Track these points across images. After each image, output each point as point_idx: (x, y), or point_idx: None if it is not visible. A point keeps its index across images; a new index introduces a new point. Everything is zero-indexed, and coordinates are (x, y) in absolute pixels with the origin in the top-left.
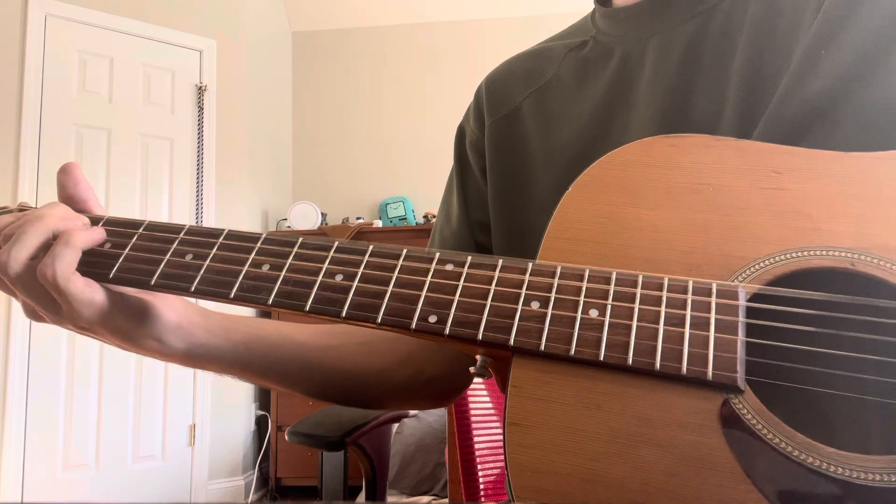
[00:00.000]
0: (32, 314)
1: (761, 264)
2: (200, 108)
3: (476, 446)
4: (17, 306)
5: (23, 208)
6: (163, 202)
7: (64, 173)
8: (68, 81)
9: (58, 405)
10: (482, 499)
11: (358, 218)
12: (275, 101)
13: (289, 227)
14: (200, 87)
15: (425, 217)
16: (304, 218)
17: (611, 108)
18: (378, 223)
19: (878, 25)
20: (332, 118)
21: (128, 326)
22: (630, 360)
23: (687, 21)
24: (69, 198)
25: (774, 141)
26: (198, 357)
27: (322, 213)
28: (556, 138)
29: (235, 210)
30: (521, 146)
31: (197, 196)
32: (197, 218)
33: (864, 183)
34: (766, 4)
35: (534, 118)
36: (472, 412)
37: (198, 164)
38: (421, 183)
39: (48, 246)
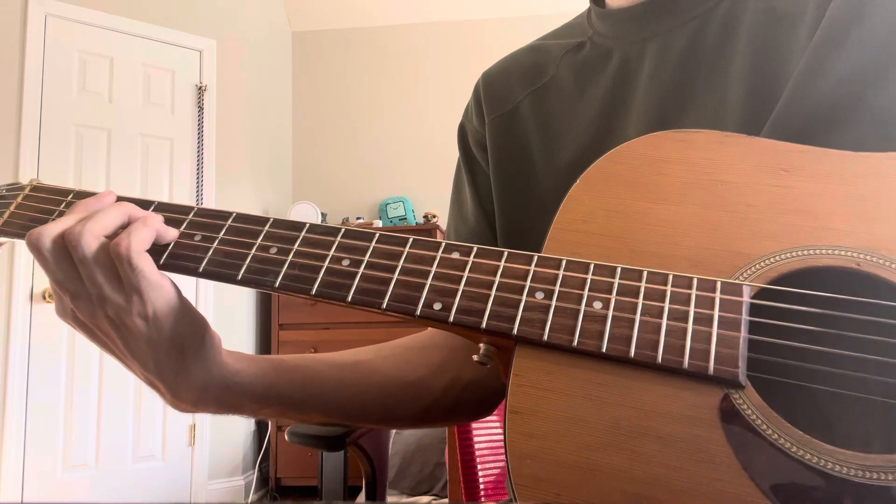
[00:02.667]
0: (66, 311)
1: (767, 262)
2: (200, 108)
3: (476, 446)
4: (17, 306)
5: (37, 186)
6: None
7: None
8: (68, 81)
9: (58, 405)
10: (482, 499)
11: (358, 218)
12: (275, 101)
13: None
14: (200, 87)
15: (425, 217)
16: (304, 218)
17: (611, 111)
18: (378, 223)
19: (886, 28)
20: (332, 118)
21: (188, 332)
22: (632, 353)
23: (685, 24)
24: None
25: (783, 140)
26: (233, 387)
27: (322, 213)
28: (557, 141)
29: (235, 210)
30: (521, 146)
31: (197, 196)
32: None
33: (872, 183)
34: (764, 7)
35: (533, 119)
36: None
37: (198, 164)
38: (421, 183)
39: (123, 228)
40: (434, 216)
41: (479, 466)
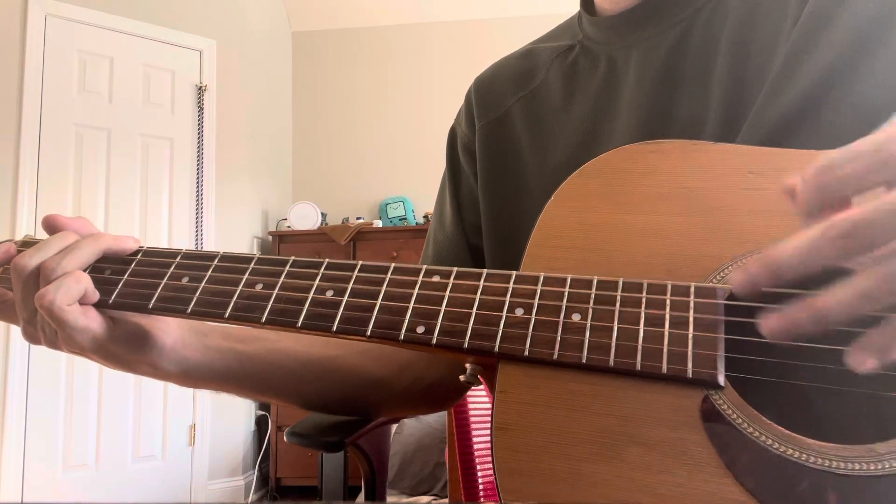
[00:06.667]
0: (33, 337)
1: (739, 263)
2: (200, 108)
3: (475, 446)
4: None
5: (28, 242)
6: (163, 202)
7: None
8: (68, 81)
9: (58, 405)
10: (482, 499)
11: (358, 218)
12: (275, 101)
13: (289, 227)
14: (200, 87)
15: (425, 217)
16: (304, 218)
17: (597, 117)
18: (378, 223)
19: (855, 29)
20: (332, 118)
21: (121, 352)
22: (612, 362)
23: (669, 30)
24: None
25: (756, 145)
26: (192, 378)
27: (322, 213)
28: (546, 146)
29: (235, 210)
30: (510, 151)
31: (197, 196)
32: (197, 218)
33: None
34: (746, 12)
35: (523, 124)
36: (472, 412)
37: (198, 164)
38: (421, 183)
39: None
40: None
41: (478, 466)
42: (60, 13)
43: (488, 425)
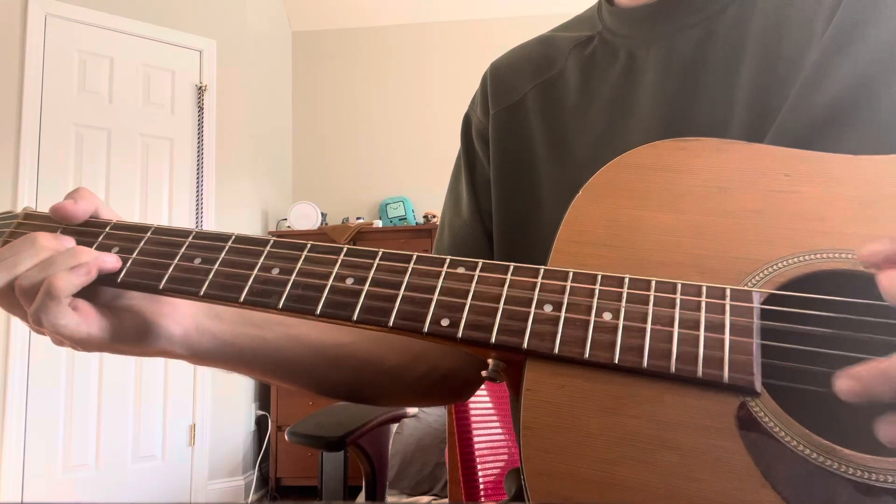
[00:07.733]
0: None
1: (774, 267)
2: (200, 108)
3: (476, 446)
4: None
5: (30, 214)
6: (163, 202)
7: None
8: (68, 81)
9: (58, 405)
10: (482, 499)
11: (358, 218)
12: (275, 101)
13: (289, 227)
14: (200, 87)
15: (425, 217)
16: (304, 218)
17: (614, 111)
18: (378, 223)
19: (891, 32)
20: (332, 118)
21: (128, 348)
22: (645, 363)
23: (692, 27)
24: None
25: (786, 146)
26: (203, 360)
27: (322, 213)
28: (560, 137)
29: (235, 210)
30: (524, 139)
31: (197, 196)
32: (197, 218)
33: (875, 185)
34: (775, 12)
35: (537, 112)
36: (472, 412)
37: (198, 164)
38: (421, 183)
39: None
40: (434, 216)
41: (479, 466)
42: (60, 13)
43: (489, 425)
